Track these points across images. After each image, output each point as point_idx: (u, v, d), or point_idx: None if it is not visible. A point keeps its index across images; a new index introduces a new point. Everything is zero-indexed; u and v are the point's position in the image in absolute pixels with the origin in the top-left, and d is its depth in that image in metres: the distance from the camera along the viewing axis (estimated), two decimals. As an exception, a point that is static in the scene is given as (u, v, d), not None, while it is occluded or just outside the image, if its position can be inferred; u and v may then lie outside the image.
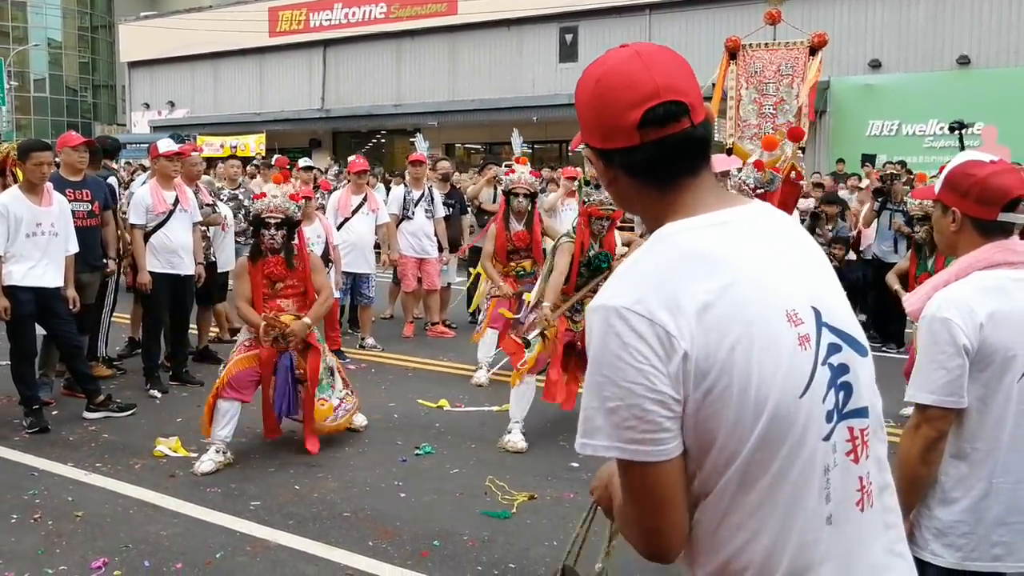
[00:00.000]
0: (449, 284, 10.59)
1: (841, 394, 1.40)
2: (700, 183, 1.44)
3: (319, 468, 5.57)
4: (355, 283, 9.24)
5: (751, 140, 8.06)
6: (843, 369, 1.41)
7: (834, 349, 1.40)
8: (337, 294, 8.87)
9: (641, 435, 1.30)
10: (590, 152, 1.49)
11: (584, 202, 6.22)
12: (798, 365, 1.35)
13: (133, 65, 35.18)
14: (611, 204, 6.13)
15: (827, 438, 1.38)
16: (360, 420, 6.37)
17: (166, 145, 7.52)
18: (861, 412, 1.43)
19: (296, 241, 5.94)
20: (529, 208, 7.68)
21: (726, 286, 1.32)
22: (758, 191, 6.22)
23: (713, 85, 5.65)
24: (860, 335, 1.48)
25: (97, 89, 52.73)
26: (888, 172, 11.07)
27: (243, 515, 4.81)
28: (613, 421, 1.31)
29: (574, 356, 6.20)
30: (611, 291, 1.35)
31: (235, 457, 5.65)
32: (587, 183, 6.55)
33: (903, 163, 15.52)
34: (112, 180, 8.00)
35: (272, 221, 5.78)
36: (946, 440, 2.42)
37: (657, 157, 1.40)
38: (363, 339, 9.34)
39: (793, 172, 7.03)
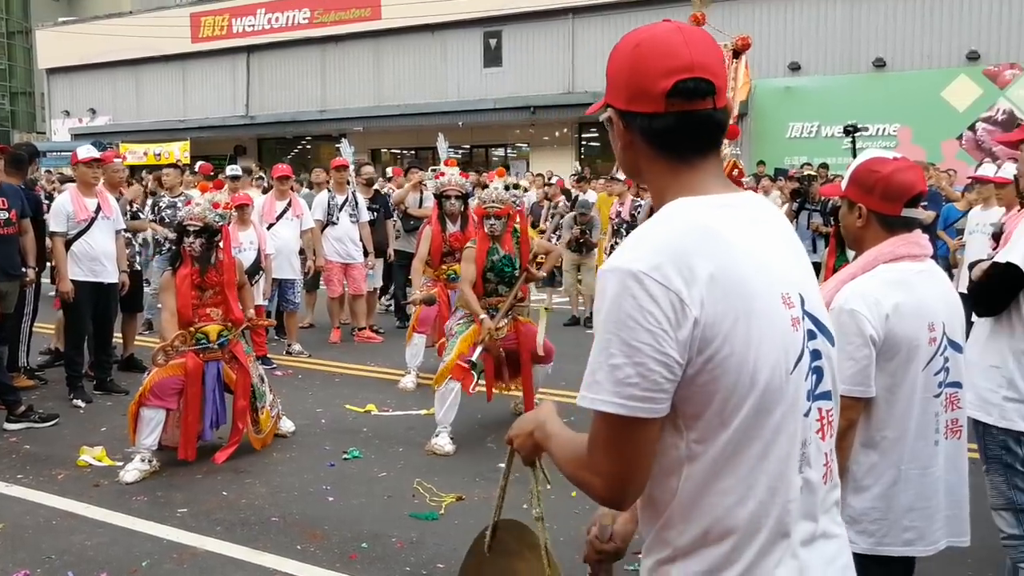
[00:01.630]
0: (375, 289, 10.59)
1: (814, 377, 1.52)
2: (708, 165, 1.53)
3: (247, 474, 5.54)
4: (281, 289, 9.18)
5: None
6: (817, 354, 1.53)
7: (811, 335, 1.52)
8: (264, 302, 8.84)
9: (641, 392, 1.37)
10: (612, 113, 1.55)
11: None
12: (791, 343, 1.46)
13: (52, 72, 34.17)
14: (496, 202, 6.19)
15: (806, 415, 1.49)
16: (287, 426, 6.36)
17: (86, 151, 7.40)
18: (828, 395, 1.56)
19: (222, 246, 5.91)
20: (462, 209, 7.72)
21: (732, 263, 1.41)
22: None
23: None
24: (830, 325, 1.60)
25: (15, 96, 51.03)
26: (806, 174, 11.39)
27: (169, 522, 4.76)
28: (616, 377, 1.38)
29: (503, 359, 6.28)
30: (628, 255, 1.41)
31: (161, 465, 5.59)
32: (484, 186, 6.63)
33: (825, 165, 15.84)
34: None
35: (192, 229, 5.75)
36: (856, 429, 2.50)
37: (676, 128, 1.48)
38: (289, 345, 9.29)
39: (736, 170, 7.20)
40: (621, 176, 13.91)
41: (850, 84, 19.89)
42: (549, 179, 16.45)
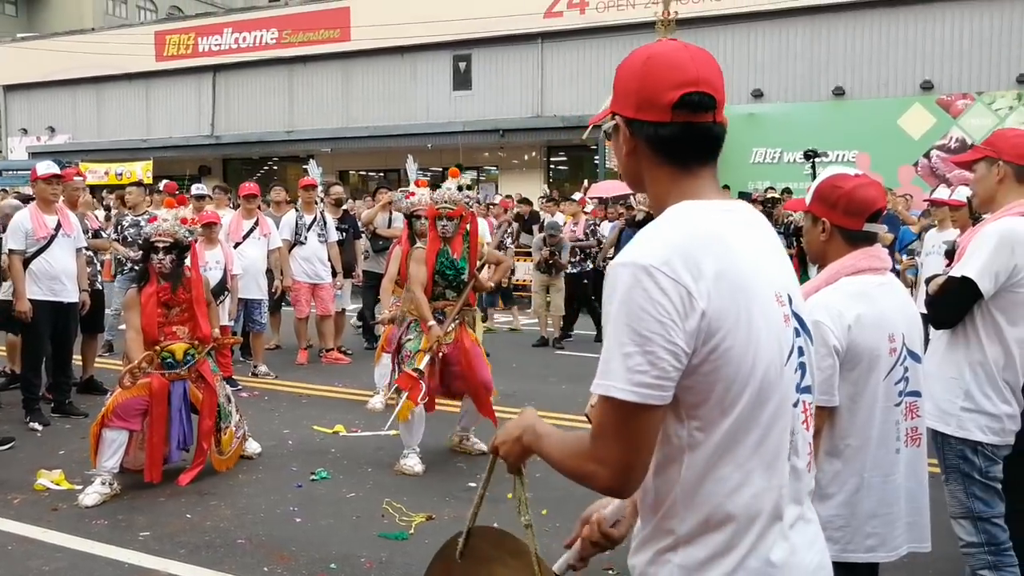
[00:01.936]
0: (343, 309, 10.50)
1: (800, 372, 1.63)
2: (707, 174, 1.64)
3: (211, 496, 5.45)
4: (247, 309, 9.09)
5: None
6: (801, 351, 1.64)
7: (796, 333, 1.63)
8: (230, 322, 8.72)
9: (651, 380, 1.45)
10: (619, 121, 1.64)
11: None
12: (784, 338, 1.58)
13: (9, 88, 33.73)
14: (449, 203, 6.11)
15: (795, 405, 1.61)
16: (253, 447, 6.26)
17: (45, 167, 7.27)
18: (809, 390, 1.68)
19: (188, 264, 5.83)
20: None
21: (734, 263, 1.51)
22: None
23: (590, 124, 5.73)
24: (811, 324, 1.74)
25: (-30, 113, 50.26)
26: (769, 196, 11.52)
27: (131, 546, 4.66)
28: (628, 365, 1.46)
29: (446, 367, 6.16)
30: (639, 250, 1.50)
31: (123, 488, 5.48)
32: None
33: (788, 190, 16.08)
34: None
35: (161, 245, 5.65)
36: (820, 438, 2.54)
37: (680, 138, 1.59)
38: (256, 366, 9.18)
39: None
40: (576, 197, 14.03)
41: (811, 111, 20.25)
42: (520, 200, 16.45)
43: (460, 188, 6.26)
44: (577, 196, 14.29)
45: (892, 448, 2.60)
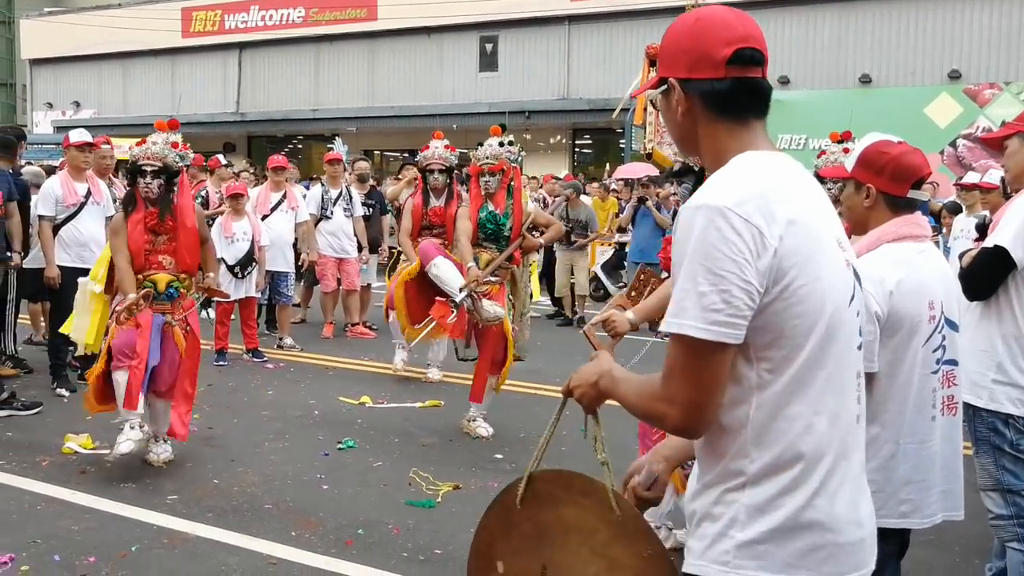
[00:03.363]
0: (369, 284, 10.50)
1: (859, 315, 1.69)
2: (761, 128, 1.69)
3: (238, 463, 5.48)
4: (273, 282, 9.11)
5: (670, 145, 8.20)
6: (855, 297, 1.68)
7: (856, 278, 1.70)
8: (257, 294, 8.75)
9: (725, 318, 1.49)
10: (673, 82, 1.68)
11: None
12: (847, 281, 1.64)
13: (35, 63, 33.90)
14: (491, 158, 6.08)
15: (859, 348, 1.69)
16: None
17: (78, 135, 7.34)
18: (862, 333, 1.73)
19: (176, 193, 5.46)
20: (447, 183, 7.19)
21: (801, 208, 1.57)
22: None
23: (632, 96, 5.71)
24: (861, 272, 1.77)
25: (-7, 87, 50.62)
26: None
27: (159, 509, 4.71)
28: (703, 303, 1.49)
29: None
30: (713, 193, 1.54)
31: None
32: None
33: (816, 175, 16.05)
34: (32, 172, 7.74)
35: (149, 169, 5.28)
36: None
37: (736, 92, 1.64)
38: (281, 339, 9.22)
39: None
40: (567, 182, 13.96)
41: (837, 98, 20.07)
42: (546, 182, 16.35)
43: (502, 144, 6.18)
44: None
45: (928, 415, 2.61)
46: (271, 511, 4.71)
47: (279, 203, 9.16)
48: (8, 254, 7.07)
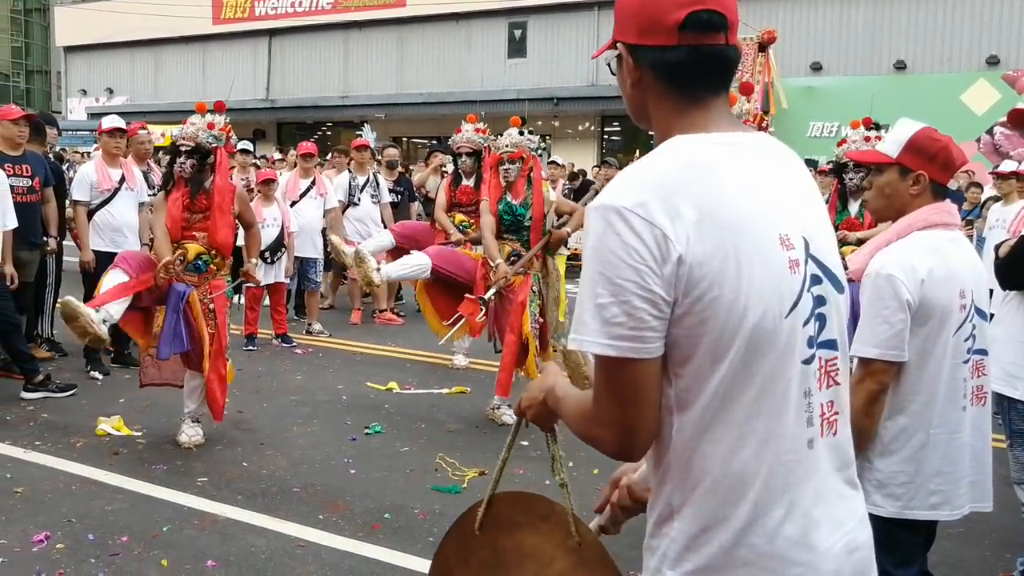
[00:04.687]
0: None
1: (817, 324, 1.45)
2: (718, 105, 1.47)
3: (267, 447, 5.54)
4: (302, 267, 9.17)
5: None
6: (821, 301, 1.45)
7: (815, 280, 1.45)
8: (286, 280, 8.82)
9: (628, 332, 1.32)
10: (622, 49, 1.50)
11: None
12: (787, 286, 1.39)
13: (69, 50, 34.26)
14: (510, 146, 6.08)
15: (808, 362, 1.43)
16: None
17: (110, 121, 7.41)
18: (831, 344, 1.48)
19: (210, 172, 5.53)
20: (476, 167, 7.27)
21: (723, 201, 1.36)
22: None
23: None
24: (839, 272, 1.51)
25: (30, 74, 51.16)
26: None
27: (190, 490, 4.78)
28: (603, 317, 1.33)
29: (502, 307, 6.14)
30: (614, 191, 1.37)
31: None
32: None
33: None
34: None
35: (184, 149, 5.41)
36: (887, 393, 2.52)
37: (689, 62, 1.42)
38: (310, 324, 9.29)
39: (763, 122, 7.05)
40: (561, 160, 13.87)
41: (871, 85, 19.77)
42: (570, 175, 16.28)
43: (521, 133, 6.19)
44: (561, 160, 14.24)
45: (959, 405, 2.58)
46: (299, 494, 4.76)
47: (308, 189, 9.20)
48: (45, 239, 7.19)
